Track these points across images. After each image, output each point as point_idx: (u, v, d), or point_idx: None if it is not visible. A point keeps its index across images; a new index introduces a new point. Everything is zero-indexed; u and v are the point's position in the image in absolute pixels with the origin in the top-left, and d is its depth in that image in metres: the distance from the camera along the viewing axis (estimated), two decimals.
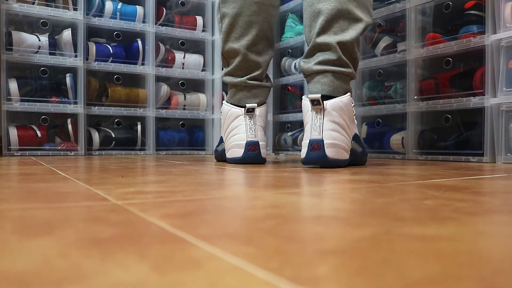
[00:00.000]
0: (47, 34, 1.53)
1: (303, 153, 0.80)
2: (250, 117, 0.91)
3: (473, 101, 1.11)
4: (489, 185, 0.51)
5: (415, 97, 1.26)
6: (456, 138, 1.17)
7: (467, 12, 1.16)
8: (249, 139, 0.89)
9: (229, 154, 0.93)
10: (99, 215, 0.28)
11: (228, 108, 0.94)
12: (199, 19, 1.81)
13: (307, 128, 0.80)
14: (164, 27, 1.72)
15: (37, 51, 1.49)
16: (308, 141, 0.78)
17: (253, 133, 0.90)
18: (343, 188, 0.46)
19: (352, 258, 0.18)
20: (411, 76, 1.27)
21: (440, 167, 0.85)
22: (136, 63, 1.66)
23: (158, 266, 0.17)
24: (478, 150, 1.11)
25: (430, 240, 0.21)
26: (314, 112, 0.78)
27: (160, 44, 1.72)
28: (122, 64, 1.64)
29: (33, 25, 1.56)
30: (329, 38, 0.84)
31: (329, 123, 0.77)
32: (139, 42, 1.66)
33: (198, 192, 0.41)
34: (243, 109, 0.91)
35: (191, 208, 0.31)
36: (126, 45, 1.69)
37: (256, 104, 0.93)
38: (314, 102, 0.77)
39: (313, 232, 0.23)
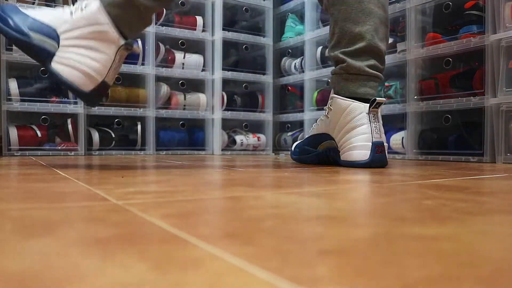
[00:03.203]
0: None
1: (365, 154, 0.78)
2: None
3: (473, 101, 1.11)
4: (489, 185, 0.51)
5: (415, 97, 1.26)
6: (456, 138, 1.17)
7: (467, 12, 1.16)
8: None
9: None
10: (99, 215, 0.28)
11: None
12: (199, 19, 1.81)
13: (362, 129, 0.79)
14: (164, 27, 1.72)
15: None
16: (371, 144, 0.78)
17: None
18: (343, 188, 0.46)
19: (352, 258, 0.18)
20: (411, 76, 1.27)
21: (440, 167, 0.85)
22: (136, 63, 1.66)
23: (158, 266, 0.17)
24: (478, 150, 1.11)
25: (430, 240, 0.21)
26: (371, 115, 0.79)
27: (160, 44, 1.72)
28: (122, 64, 1.64)
29: None
30: (381, 45, 0.85)
31: (382, 127, 0.81)
32: (139, 42, 1.66)
33: (198, 192, 0.41)
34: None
35: (191, 208, 0.31)
36: None
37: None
38: (377, 105, 0.78)
39: (313, 232, 0.23)
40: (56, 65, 0.71)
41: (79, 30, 0.71)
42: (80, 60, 0.71)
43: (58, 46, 0.71)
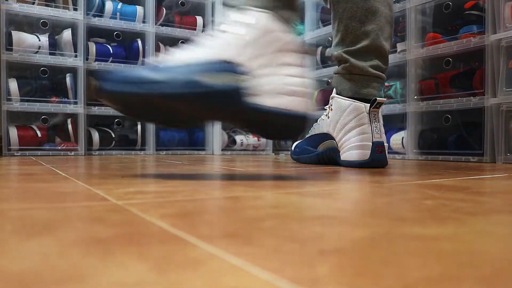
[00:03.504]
0: (47, 34, 1.53)
1: (365, 154, 0.78)
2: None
3: (473, 101, 1.11)
4: (489, 185, 0.51)
5: (415, 97, 1.26)
6: (456, 138, 1.17)
7: (467, 12, 1.16)
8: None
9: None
10: (99, 215, 0.28)
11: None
12: (199, 19, 1.81)
13: (362, 129, 0.78)
14: (164, 27, 1.72)
15: (37, 51, 1.49)
16: (371, 143, 0.78)
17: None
18: (343, 188, 0.46)
19: (352, 258, 0.18)
20: (411, 76, 1.27)
21: (440, 167, 0.85)
22: (136, 63, 1.66)
23: (158, 266, 0.17)
24: (478, 150, 1.11)
25: (430, 240, 0.21)
26: (372, 115, 0.78)
27: (160, 44, 1.72)
28: (122, 64, 1.64)
29: (33, 25, 1.56)
30: (386, 44, 0.83)
31: (382, 127, 0.81)
32: (139, 42, 1.66)
33: (198, 192, 0.41)
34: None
35: (191, 208, 0.31)
36: (126, 45, 1.69)
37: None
38: (377, 105, 0.78)
39: (313, 232, 0.23)
40: (258, 99, 0.54)
41: (261, 49, 0.56)
42: (284, 81, 0.56)
43: (246, 78, 0.54)
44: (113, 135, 1.62)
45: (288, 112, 0.55)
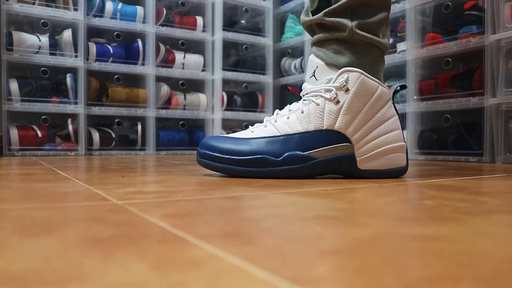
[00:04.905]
0: (47, 34, 1.53)
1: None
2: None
3: (473, 101, 1.11)
4: (489, 185, 0.51)
5: (415, 97, 1.26)
6: (455, 138, 1.17)
7: (466, 12, 1.16)
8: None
9: (379, 164, 0.58)
10: (99, 215, 0.28)
11: (376, 85, 0.57)
12: (199, 19, 1.81)
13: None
14: (164, 27, 1.72)
15: (38, 51, 1.49)
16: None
17: None
18: (343, 188, 0.46)
19: (352, 258, 0.18)
20: (411, 76, 1.27)
21: (440, 167, 0.85)
22: (136, 63, 1.66)
23: (158, 266, 0.17)
24: (477, 150, 1.11)
25: (430, 240, 0.22)
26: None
27: (160, 44, 1.72)
28: (122, 64, 1.64)
29: (33, 25, 1.56)
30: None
31: None
32: (139, 42, 1.66)
33: (198, 192, 0.41)
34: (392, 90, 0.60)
35: (191, 208, 0.31)
36: (126, 45, 1.69)
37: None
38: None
39: (313, 232, 0.23)
40: (365, 165, 0.57)
41: (356, 113, 0.56)
42: (383, 142, 0.57)
43: (349, 146, 0.57)
44: (113, 135, 1.62)
45: (394, 169, 0.59)
